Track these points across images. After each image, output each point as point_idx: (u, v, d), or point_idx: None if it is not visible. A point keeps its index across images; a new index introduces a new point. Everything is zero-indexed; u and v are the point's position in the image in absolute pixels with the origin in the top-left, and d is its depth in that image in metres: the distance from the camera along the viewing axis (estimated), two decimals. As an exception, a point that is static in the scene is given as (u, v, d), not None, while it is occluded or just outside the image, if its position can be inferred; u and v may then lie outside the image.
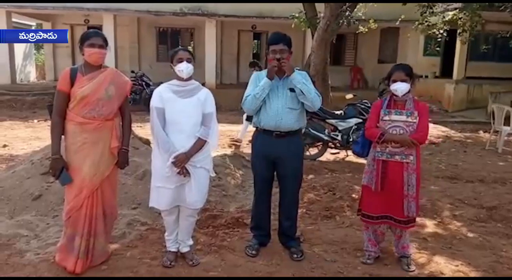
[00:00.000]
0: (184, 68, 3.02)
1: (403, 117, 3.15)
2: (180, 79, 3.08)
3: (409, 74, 3.16)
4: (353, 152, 3.59)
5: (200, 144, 3.05)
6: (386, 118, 3.19)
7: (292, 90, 3.27)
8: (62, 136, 2.99)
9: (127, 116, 3.18)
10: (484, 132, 10.32)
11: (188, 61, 3.04)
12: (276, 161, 3.37)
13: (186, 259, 3.24)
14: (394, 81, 3.15)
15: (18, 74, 16.37)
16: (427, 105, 3.34)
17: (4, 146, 7.56)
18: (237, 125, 10.28)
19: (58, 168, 2.91)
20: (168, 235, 3.26)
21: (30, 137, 8.57)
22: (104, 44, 2.99)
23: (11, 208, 4.02)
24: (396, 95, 3.18)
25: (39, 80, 19.22)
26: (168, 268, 3.13)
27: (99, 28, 13.98)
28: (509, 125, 8.00)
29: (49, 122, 3.15)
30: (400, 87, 3.13)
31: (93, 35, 2.97)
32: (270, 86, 3.24)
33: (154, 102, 3.04)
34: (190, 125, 3.04)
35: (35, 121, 10.71)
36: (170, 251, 3.24)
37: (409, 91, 3.17)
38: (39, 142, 7.68)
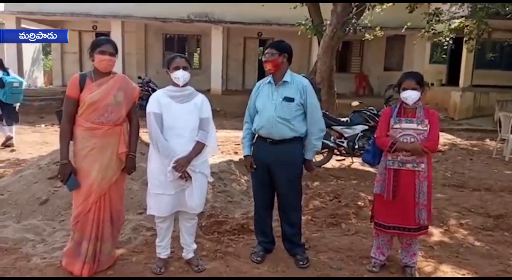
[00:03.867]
0: (180, 76, 3.05)
1: (414, 125, 3.13)
2: (176, 85, 3.10)
3: (420, 82, 3.15)
4: (364, 161, 3.55)
5: (199, 148, 3.06)
6: (397, 126, 3.17)
7: (287, 99, 3.25)
8: (71, 142, 3.02)
9: (134, 121, 3.20)
10: (491, 140, 10.27)
11: (185, 68, 3.06)
12: (269, 167, 3.36)
13: (192, 265, 3.24)
14: (405, 89, 3.13)
15: (26, 79, 16.47)
16: (437, 113, 3.31)
17: (12, 150, 7.63)
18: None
19: (66, 173, 2.94)
20: (159, 242, 3.23)
21: (37, 141, 8.64)
22: (115, 52, 3.03)
23: (18, 212, 4.04)
24: (406, 103, 3.16)
25: (47, 86, 19.36)
26: (160, 275, 3.10)
27: (107, 34, 14.14)
28: (516, 133, 7.96)
29: (56, 127, 3.17)
30: (410, 95, 3.11)
31: (104, 43, 3.01)
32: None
33: (152, 107, 3.04)
34: (188, 130, 3.06)
35: (43, 126, 10.80)
36: (160, 258, 3.23)
37: (419, 99, 3.15)
38: (46, 147, 7.74)
